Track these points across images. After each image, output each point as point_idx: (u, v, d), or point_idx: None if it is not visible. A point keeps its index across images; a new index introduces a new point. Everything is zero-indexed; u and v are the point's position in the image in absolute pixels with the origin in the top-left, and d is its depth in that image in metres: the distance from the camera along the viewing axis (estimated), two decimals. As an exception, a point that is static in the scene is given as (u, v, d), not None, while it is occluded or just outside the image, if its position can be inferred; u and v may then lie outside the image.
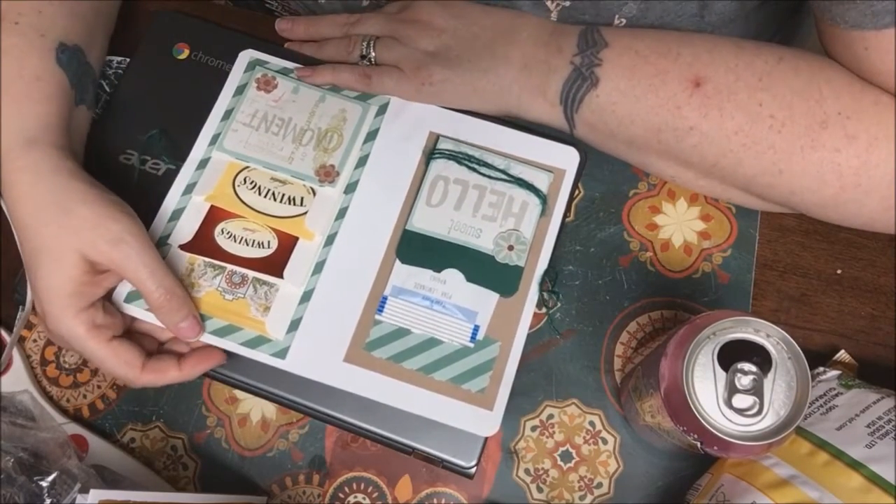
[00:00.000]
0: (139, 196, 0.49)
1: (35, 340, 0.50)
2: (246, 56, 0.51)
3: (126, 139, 0.51)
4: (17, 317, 0.51)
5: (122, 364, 0.42)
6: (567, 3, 0.47)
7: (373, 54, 0.49)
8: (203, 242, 0.47)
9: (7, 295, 0.51)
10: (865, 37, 0.39)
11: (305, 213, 0.48)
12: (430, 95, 0.48)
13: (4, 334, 0.51)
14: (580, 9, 0.47)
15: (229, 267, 0.47)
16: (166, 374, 0.43)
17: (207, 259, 0.47)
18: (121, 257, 0.41)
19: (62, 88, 0.46)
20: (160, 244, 0.47)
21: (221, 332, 0.46)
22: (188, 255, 0.47)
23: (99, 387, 0.49)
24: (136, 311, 0.46)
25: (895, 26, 0.38)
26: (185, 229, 0.48)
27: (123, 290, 0.46)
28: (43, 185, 0.42)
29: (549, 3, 0.47)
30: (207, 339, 0.45)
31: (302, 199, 0.48)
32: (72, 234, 0.41)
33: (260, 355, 0.45)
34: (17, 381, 0.49)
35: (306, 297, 0.46)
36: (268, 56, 0.51)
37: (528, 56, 0.46)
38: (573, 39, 0.46)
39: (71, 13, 0.48)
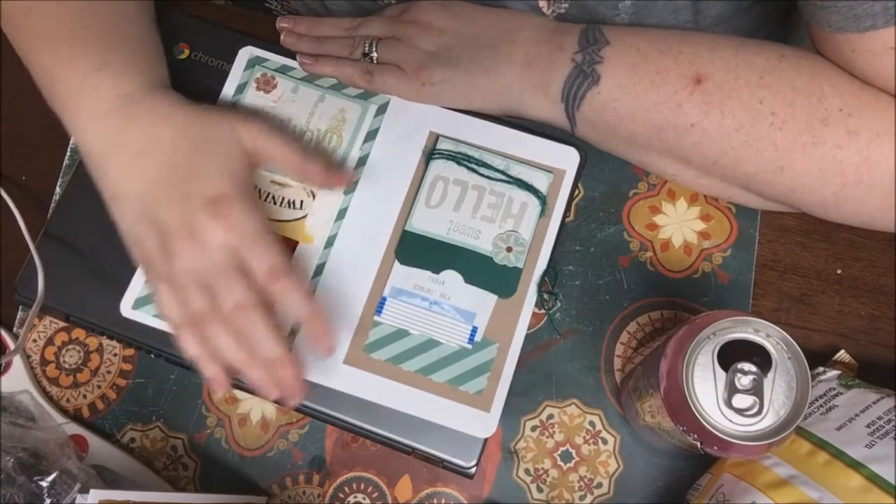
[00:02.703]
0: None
1: (35, 340, 0.50)
2: (246, 53, 0.51)
3: (126, 139, 0.51)
4: (18, 317, 0.51)
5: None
6: (562, 10, 0.47)
7: (374, 54, 0.49)
8: None
9: (7, 295, 0.51)
10: (850, 39, 0.39)
11: (305, 216, 0.48)
12: (432, 95, 0.48)
13: (5, 335, 0.51)
14: (575, 15, 0.47)
15: None
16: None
17: None
18: (276, 135, 0.46)
19: None
20: None
21: None
22: None
23: (99, 387, 0.49)
24: (143, 317, 0.46)
25: (877, 29, 0.38)
26: None
27: (130, 298, 0.47)
28: (192, 107, 0.46)
29: (543, 9, 0.48)
30: None
31: (301, 202, 0.48)
32: (238, 130, 0.45)
33: None
34: (17, 381, 0.49)
35: (307, 299, 0.46)
36: (267, 53, 0.51)
37: (530, 54, 0.46)
38: (574, 37, 0.46)
39: None
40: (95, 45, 0.45)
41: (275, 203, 0.48)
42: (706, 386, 0.36)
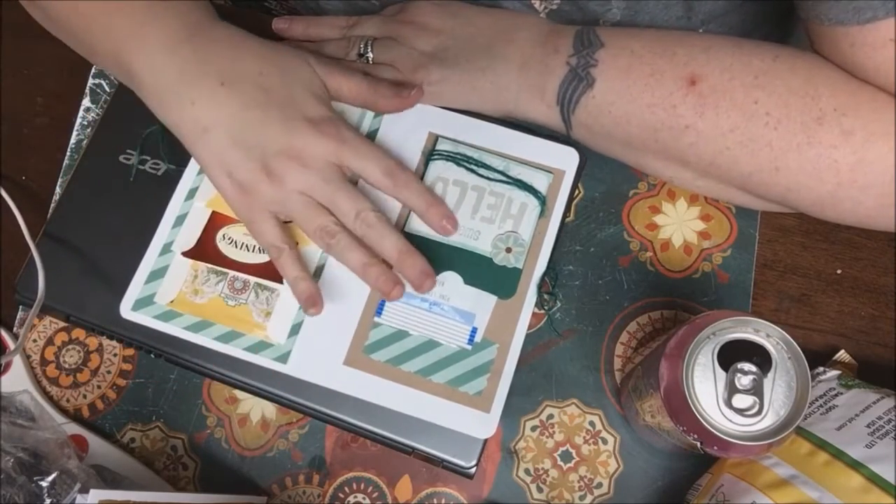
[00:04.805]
0: (140, 195, 0.49)
1: (35, 340, 0.50)
2: (245, 54, 0.51)
3: (126, 139, 0.51)
4: (18, 317, 0.51)
5: None
6: (554, 6, 0.47)
7: (370, 54, 0.49)
8: (205, 248, 0.47)
9: (7, 295, 0.51)
10: (850, 33, 0.39)
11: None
12: (429, 96, 0.48)
13: (5, 335, 0.51)
14: (567, 11, 0.47)
15: (231, 273, 0.47)
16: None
17: (210, 265, 0.47)
18: (347, 70, 0.47)
19: None
20: (164, 251, 0.47)
21: (224, 338, 0.46)
22: (191, 261, 0.47)
23: (99, 387, 0.49)
24: (143, 318, 0.46)
25: (878, 21, 0.38)
26: (188, 235, 0.48)
27: (130, 299, 0.47)
28: (262, 39, 0.46)
29: (537, 6, 0.48)
30: (211, 345, 0.46)
31: None
32: (313, 65, 0.46)
33: (262, 360, 0.45)
34: (17, 381, 0.49)
35: (307, 300, 0.46)
36: None
37: (526, 55, 0.46)
38: (569, 40, 0.46)
39: None
40: None
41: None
42: (706, 386, 0.36)
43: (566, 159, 0.48)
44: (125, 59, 0.44)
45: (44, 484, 0.42)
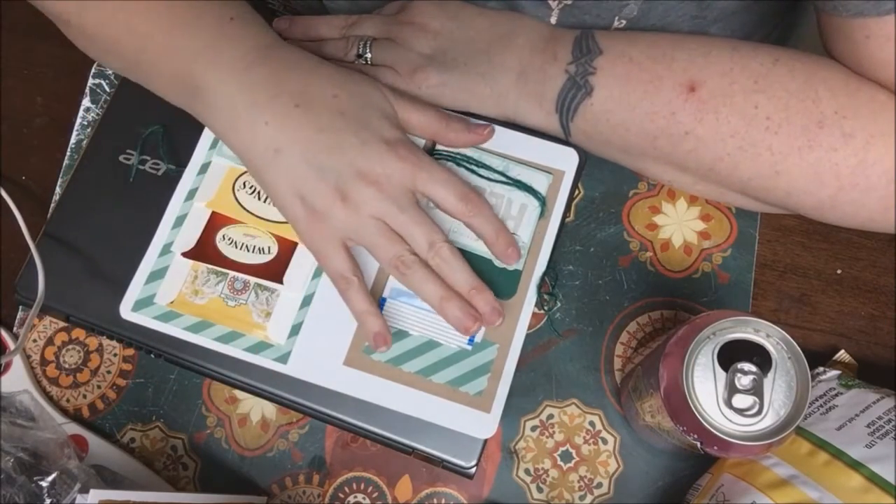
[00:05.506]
0: (139, 196, 0.49)
1: (35, 340, 0.50)
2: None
3: (126, 139, 0.51)
4: (18, 317, 0.51)
5: None
6: (569, 1, 0.47)
7: (369, 54, 0.49)
8: (205, 249, 0.47)
9: (7, 295, 0.51)
10: (867, 24, 0.39)
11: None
12: (428, 98, 0.48)
13: (5, 335, 0.51)
14: (582, 8, 0.47)
15: (231, 273, 0.47)
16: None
17: (210, 266, 0.47)
18: (419, 103, 0.46)
19: None
20: (164, 251, 0.47)
21: (225, 339, 0.46)
22: (191, 262, 0.47)
23: (99, 387, 0.49)
24: (143, 319, 0.46)
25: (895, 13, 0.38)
26: (188, 236, 0.48)
27: (130, 300, 0.47)
28: (331, 63, 0.46)
29: (551, 2, 0.47)
30: (210, 345, 0.46)
31: None
32: (385, 94, 0.45)
33: (262, 360, 0.45)
34: (17, 381, 0.49)
35: (306, 301, 0.46)
36: None
37: (525, 63, 0.46)
38: (568, 46, 0.46)
39: None
40: None
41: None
42: (706, 386, 0.36)
43: (566, 160, 0.48)
44: (192, 79, 0.43)
45: (44, 484, 0.42)
